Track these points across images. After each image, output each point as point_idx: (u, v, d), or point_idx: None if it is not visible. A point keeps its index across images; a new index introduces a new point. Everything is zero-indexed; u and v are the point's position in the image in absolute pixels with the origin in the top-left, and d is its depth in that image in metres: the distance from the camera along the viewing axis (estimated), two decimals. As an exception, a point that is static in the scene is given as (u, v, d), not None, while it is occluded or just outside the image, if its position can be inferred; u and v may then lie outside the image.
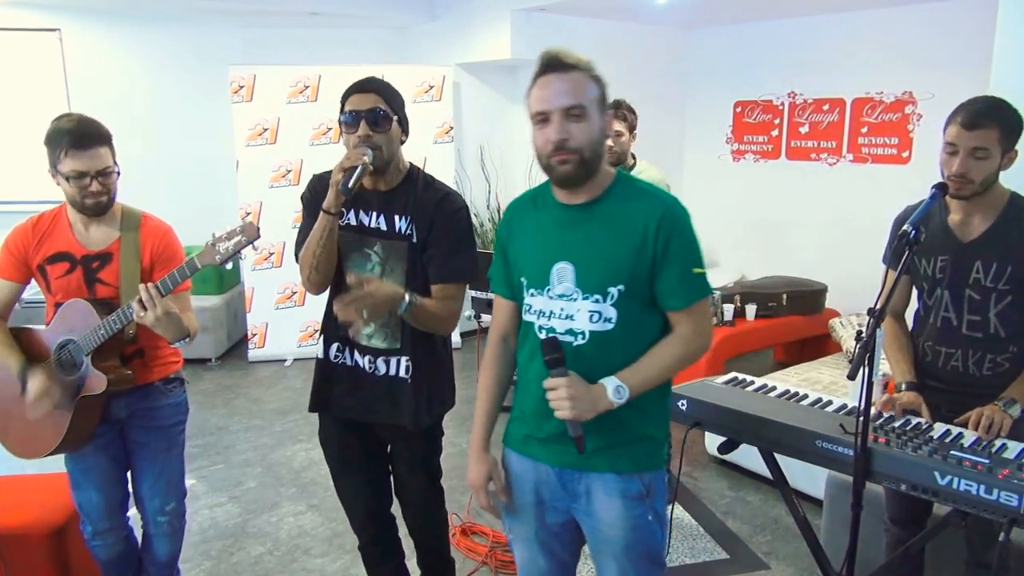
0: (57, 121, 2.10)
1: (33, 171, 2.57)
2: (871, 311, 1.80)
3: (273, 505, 3.57)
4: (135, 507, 2.42)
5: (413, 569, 2.48)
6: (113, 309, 2.10)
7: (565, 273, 1.63)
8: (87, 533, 2.39)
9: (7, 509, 2.58)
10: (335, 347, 2.18)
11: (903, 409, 2.06)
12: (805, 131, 5.90)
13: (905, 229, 1.87)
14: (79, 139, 2.06)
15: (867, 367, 1.75)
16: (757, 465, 3.53)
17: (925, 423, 1.99)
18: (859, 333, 1.78)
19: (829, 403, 2.12)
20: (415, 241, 2.07)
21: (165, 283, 2.03)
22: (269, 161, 5.62)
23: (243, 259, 2.49)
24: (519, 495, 1.78)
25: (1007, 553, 1.65)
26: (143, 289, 2.00)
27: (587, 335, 1.62)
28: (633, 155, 3.32)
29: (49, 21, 5.57)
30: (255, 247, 1.96)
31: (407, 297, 1.96)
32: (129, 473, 2.38)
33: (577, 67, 1.58)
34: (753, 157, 6.29)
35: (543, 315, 1.66)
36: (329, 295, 2.18)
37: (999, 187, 2.06)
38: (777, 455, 2.12)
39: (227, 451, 4.19)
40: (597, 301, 1.61)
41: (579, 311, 1.62)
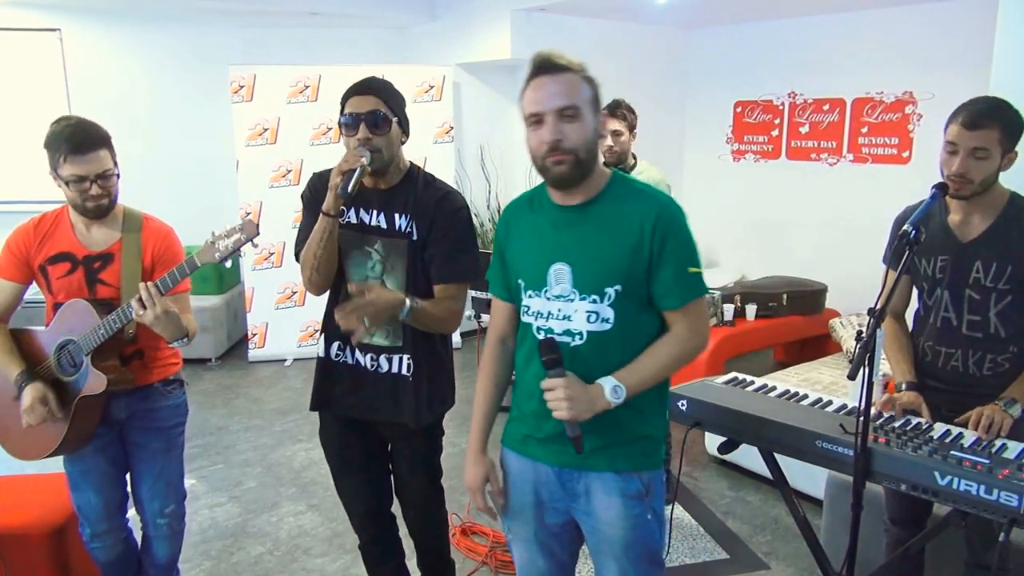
0: (56, 125, 2.10)
1: (34, 171, 2.56)
2: (871, 311, 1.80)
3: (273, 505, 3.57)
4: (134, 509, 2.42)
5: (413, 569, 2.48)
6: (113, 309, 2.10)
7: (562, 274, 1.63)
8: (86, 535, 2.38)
9: (7, 509, 2.58)
10: (336, 346, 2.18)
11: (903, 409, 2.06)
12: (805, 131, 5.90)
13: (905, 229, 1.87)
14: (78, 144, 2.06)
15: (867, 367, 1.76)
16: (757, 465, 3.53)
17: (925, 423, 1.99)
18: (859, 333, 1.79)
19: (829, 403, 2.12)
20: (415, 239, 2.07)
21: (164, 281, 2.03)
22: (269, 161, 5.62)
23: (243, 257, 2.49)
24: (518, 495, 1.78)
25: (1007, 553, 1.64)
26: (143, 287, 2.00)
27: (585, 335, 1.62)
28: (633, 155, 3.32)
29: (49, 21, 5.57)
30: (255, 245, 1.96)
31: (408, 302, 1.96)
32: (128, 475, 2.38)
33: (569, 68, 1.58)
34: (753, 157, 6.29)
35: (541, 316, 1.67)
36: (329, 294, 2.18)
37: (999, 187, 2.06)
38: (777, 455, 2.12)
39: (227, 451, 4.19)
40: (594, 302, 1.61)
41: (576, 312, 1.62)
